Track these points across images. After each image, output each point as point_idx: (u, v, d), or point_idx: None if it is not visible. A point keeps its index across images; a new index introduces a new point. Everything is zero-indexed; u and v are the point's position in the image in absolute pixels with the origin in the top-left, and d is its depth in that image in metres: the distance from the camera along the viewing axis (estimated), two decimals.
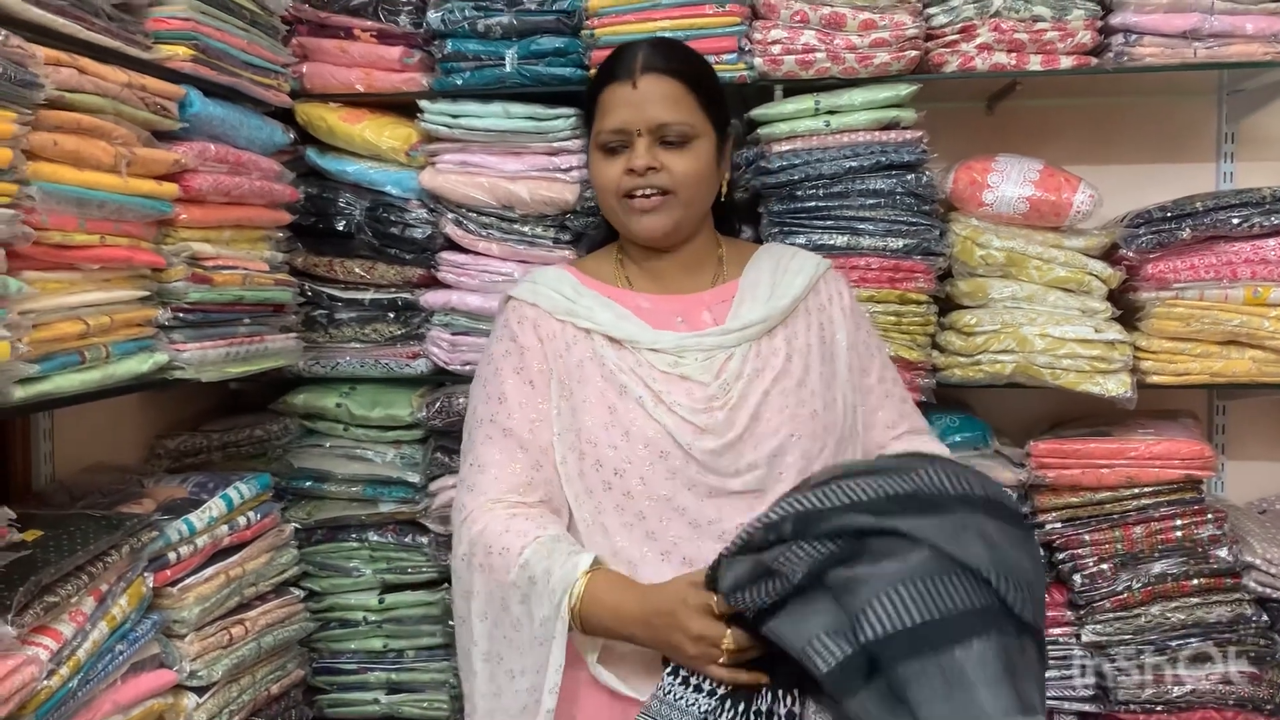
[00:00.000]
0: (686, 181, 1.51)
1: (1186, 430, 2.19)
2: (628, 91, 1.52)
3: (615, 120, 1.52)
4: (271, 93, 2.00)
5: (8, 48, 1.28)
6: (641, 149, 1.50)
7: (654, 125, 1.50)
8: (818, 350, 1.54)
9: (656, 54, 1.54)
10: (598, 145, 1.55)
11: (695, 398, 1.46)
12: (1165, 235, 2.06)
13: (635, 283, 1.60)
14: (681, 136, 1.51)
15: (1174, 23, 2.03)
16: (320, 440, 2.31)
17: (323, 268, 2.25)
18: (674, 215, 1.53)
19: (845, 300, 1.61)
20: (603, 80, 1.56)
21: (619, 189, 1.53)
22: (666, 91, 1.51)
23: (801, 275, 1.58)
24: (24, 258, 1.36)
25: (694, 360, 1.49)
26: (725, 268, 1.62)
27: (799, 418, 1.48)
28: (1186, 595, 2.07)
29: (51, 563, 1.44)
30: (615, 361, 1.49)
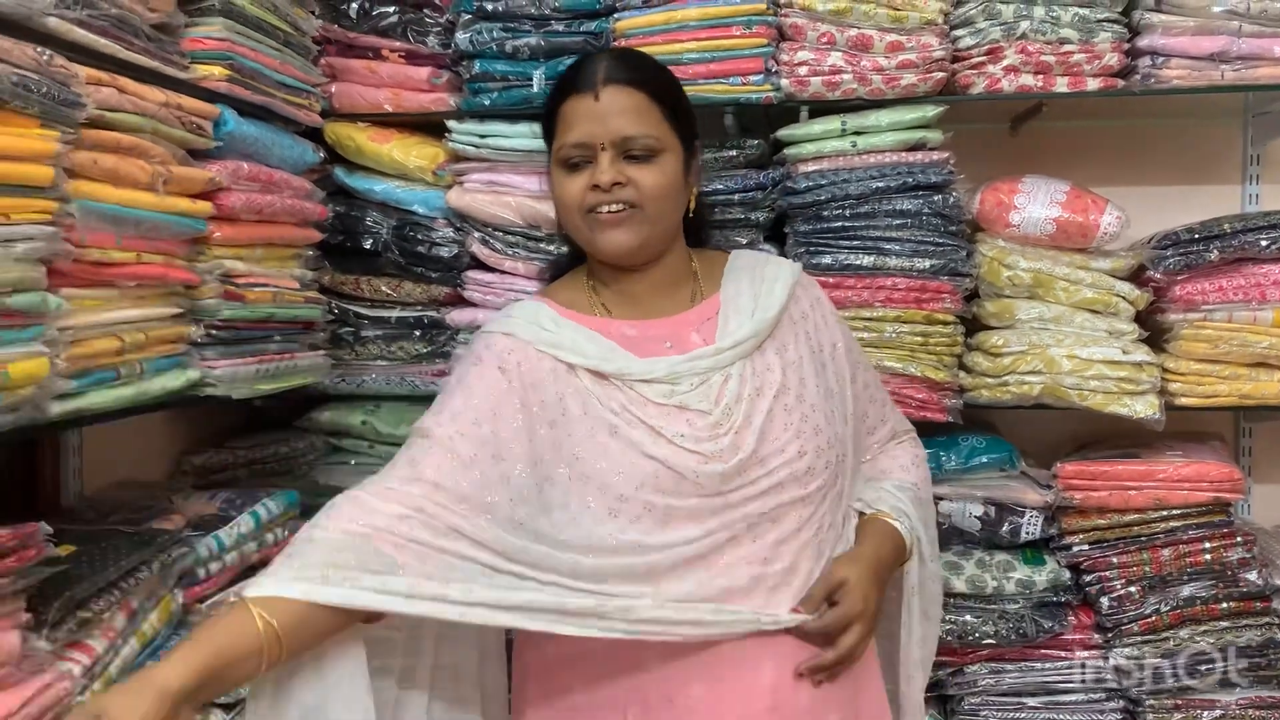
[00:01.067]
0: (654, 195, 1.42)
1: (1215, 452, 2.18)
2: (589, 104, 1.42)
3: (577, 134, 1.42)
4: (303, 112, 2.02)
5: (52, 67, 1.29)
6: (605, 163, 1.40)
7: (618, 139, 1.41)
8: (810, 361, 1.47)
9: (619, 65, 1.46)
10: (559, 161, 1.45)
11: (697, 427, 1.37)
12: (1193, 257, 2.06)
13: (614, 310, 1.48)
14: (647, 150, 1.42)
15: (1202, 45, 2.04)
16: (345, 457, 2.32)
17: (350, 286, 2.27)
18: (642, 231, 1.43)
19: (826, 305, 1.55)
20: (562, 93, 1.46)
21: (583, 205, 1.42)
22: (630, 104, 1.42)
23: (780, 284, 1.50)
24: (63, 275, 1.37)
25: (690, 387, 1.40)
26: (702, 283, 1.52)
27: (804, 433, 1.41)
28: (1216, 619, 2.06)
29: (85, 578, 1.44)
30: (602, 399, 1.38)
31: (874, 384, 1.61)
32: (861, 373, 1.58)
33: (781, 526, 1.38)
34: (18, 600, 1.29)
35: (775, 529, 1.38)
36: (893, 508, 1.50)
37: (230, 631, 1.15)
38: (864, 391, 1.57)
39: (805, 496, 1.40)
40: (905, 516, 1.50)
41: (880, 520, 1.49)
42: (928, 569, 1.55)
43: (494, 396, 1.38)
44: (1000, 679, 2.10)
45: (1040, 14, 2.07)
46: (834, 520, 1.45)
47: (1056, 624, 2.08)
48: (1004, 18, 2.08)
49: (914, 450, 1.64)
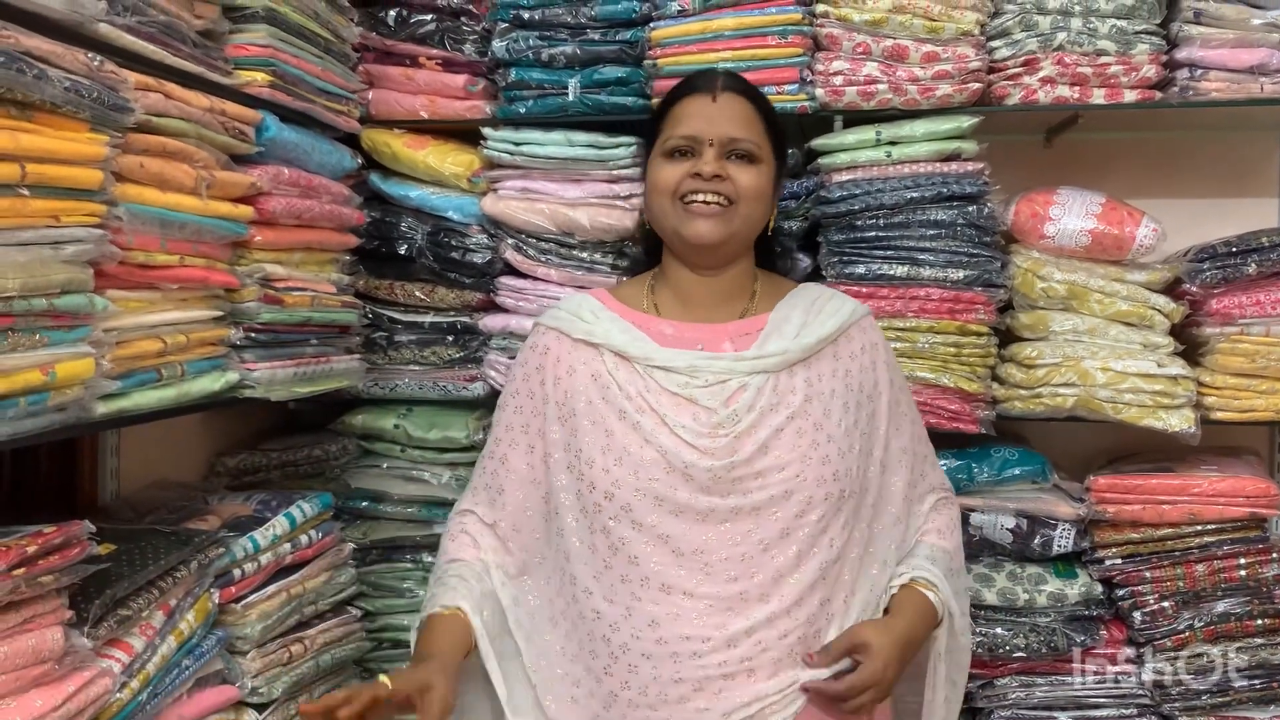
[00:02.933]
0: (748, 195, 1.52)
1: (1250, 467, 2.16)
2: (706, 103, 1.54)
3: (689, 128, 1.53)
4: (342, 118, 2.04)
5: (102, 73, 1.32)
6: (710, 156, 1.51)
7: (726, 139, 1.52)
8: (843, 397, 1.49)
9: (736, 78, 1.61)
10: (663, 151, 1.55)
11: (700, 421, 1.43)
12: (1230, 270, 2.04)
13: (663, 309, 1.57)
14: (749, 154, 1.53)
15: (1241, 58, 2.03)
16: (377, 461, 2.33)
17: (384, 290, 2.28)
18: (731, 225, 1.51)
19: (882, 353, 1.58)
20: (679, 94, 1.59)
21: (678, 190, 1.51)
22: (742, 111, 1.55)
23: (835, 318, 1.54)
24: (108, 276, 1.39)
25: (704, 383, 1.46)
26: (756, 302, 1.58)
27: (810, 460, 1.43)
28: (1250, 635, 2.04)
29: (124, 576, 1.46)
30: (622, 382, 1.47)
31: (919, 439, 1.61)
32: (908, 425, 1.58)
33: (771, 550, 1.41)
34: (60, 597, 1.31)
35: (763, 549, 1.41)
36: (925, 578, 1.51)
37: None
38: (908, 444, 1.57)
39: (800, 524, 1.41)
40: (936, 587, 1.50)
41: (915, 591, 1.51)
42: (958, 640, 1.54)
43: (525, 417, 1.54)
44: (1031, 692, 2.08)
45: (1077, 25, 2.07)
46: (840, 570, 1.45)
47: (1088, 638, 2.07)
48: (1041, 29, 2.08)
49: (949, 513, 1.62)
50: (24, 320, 1.22)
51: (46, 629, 1.27)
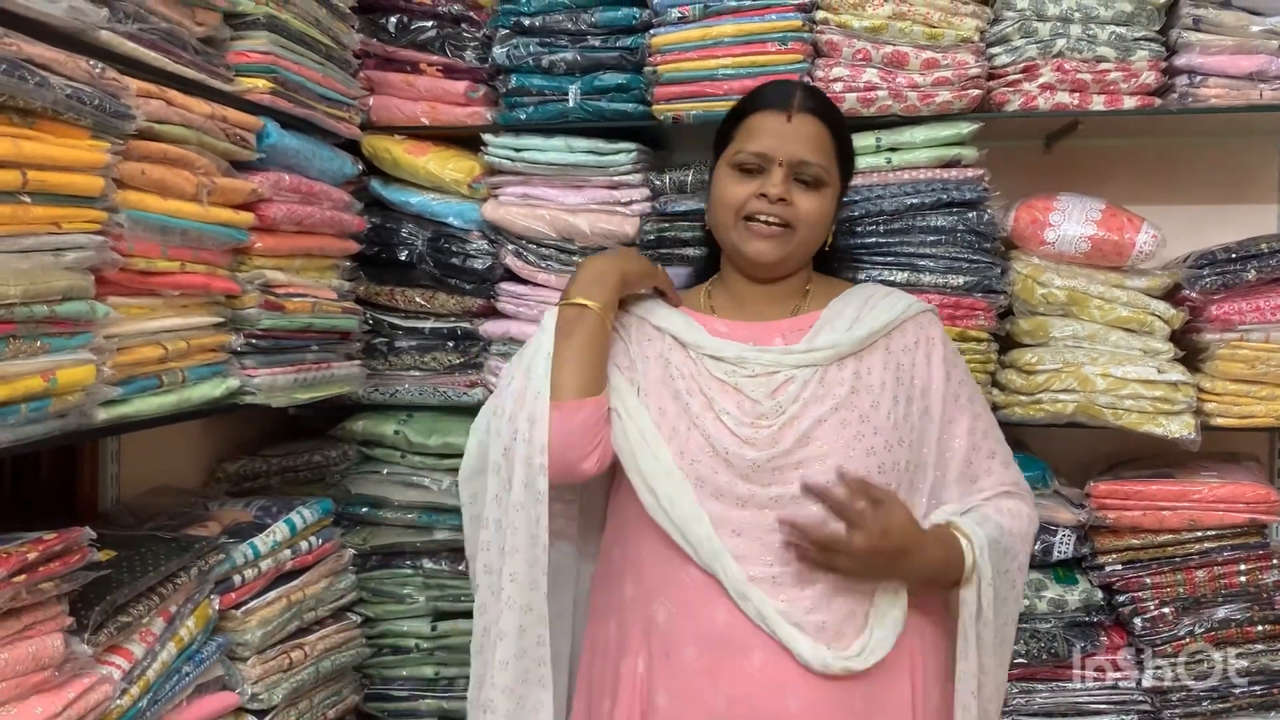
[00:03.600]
0: (809, 221, 1.54)
1: (1250, 474, 2.16)
2: (780, 122, 1.54)
3: (760, 145, 1.54)
4: (343, 125, 2.05)
5: (104, 80, 1.32)
6: (778, 178, 1.52)
7: (796, 161, 1.53)
8: (892, 390, 1.51)
9: (813, 97, 1.60)
10: (732, 163, 1.56)
11: (744, 410, 1.47)
12: (1230, 276, 2.05)
13: (718, 310, 1.63)
14: (816, 179, 1.54)
15: (1240, 64, 2.03)
16: (377, 467, 2.33)
17: (384, 296, 2.28)
18: (788, 248, 1.54)
19: (939, 347, 1.56)
20: (753, 105, 1.59)
21: (743, 209, 1.54)
22: (815, 134, 1.55)
23: (889, 313, 1.55)
24: (110, 283, 1.40)
25: (750, 373, 1.50)
26: (809, 300, 1.62)
27: (853, 453, 1.45)
28: (1250, 641, 2.04)
29: (124, 583, 1.46)
30: (678, 365, 1.53)
31: (984, 434, 1.57)
32: (966, 421, 1.55)
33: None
34: (61, 604, 1.30)
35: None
36: (963, 527, 1.46)
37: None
38: (964, 439, 1.55)
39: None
40: (974, 538, 1.45)
41: (947, 529, 1.47)
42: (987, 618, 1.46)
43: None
44: (1031, 699, 2.08)
45: (1077, 32, 2.07)
46: None
47: (1089, 643, 2.07)
48: (1040, 35, 2.08)
49: (1016, 504, 1.56)
50: (25, 327, 1.22)
51: (47, 635, 1.27)
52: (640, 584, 1.52)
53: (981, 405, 1.61)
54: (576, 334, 1.52)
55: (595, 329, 1.53)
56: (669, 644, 1.47)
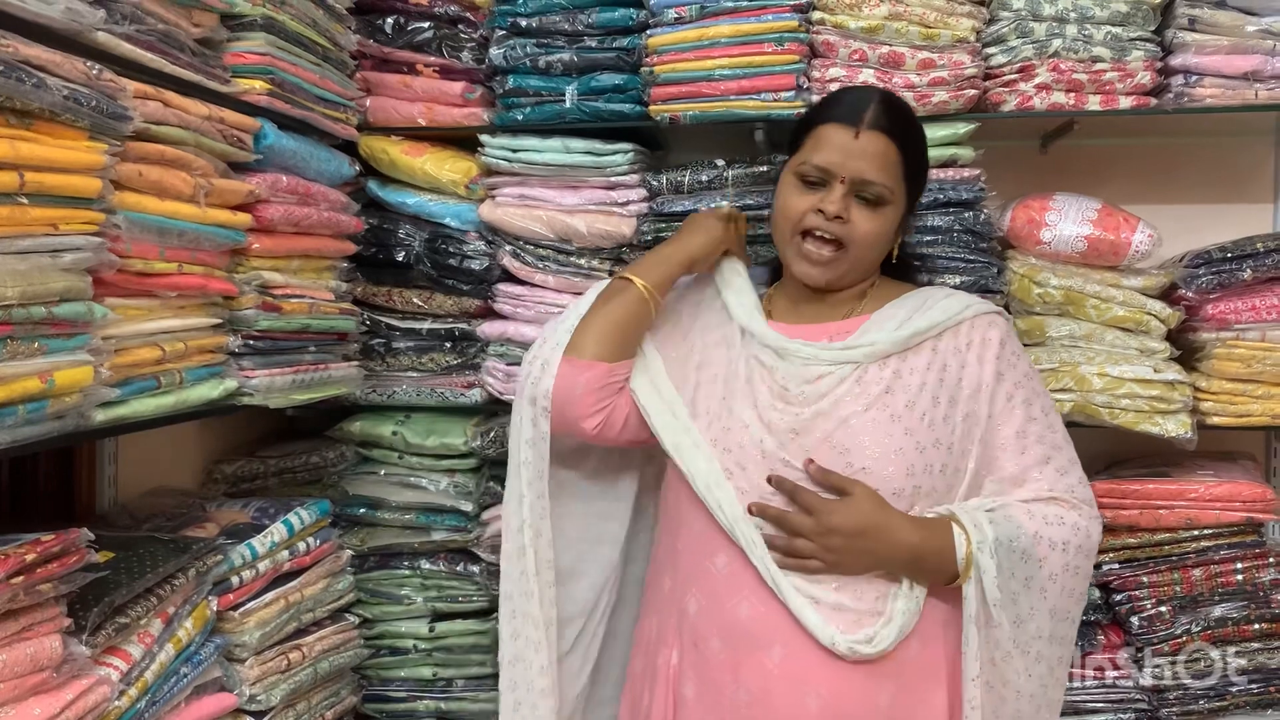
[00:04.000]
0: (864, 242, 1.54)
1: (1247, 472, 2.16)
2: (848, 138, 1.53)
3: (824, 159, 1.54)
4: (340, 126, 2.05)
5: (101, 81, 1.32)
6: (837, 195, 1.52)
7: (858, 179, 1.53)
8: (932, 390, 1.49)
9: (886, 113, 1.56)
10: (795, 173, 1.58)
11: (779, 396, 1.52)
12: (1226, 276, 2.05)
13: (775, 314, 1.65)
14: (878, 198, 1.54)
15: (1235, 64, 2.04)
16: (375, 468, 2.33)
17: (381, 297, 2.28)
18: (838, 270, 1.56)
19: (994, 348, 1.53)
20: (825, 115, 1.59)
21: (800, 223, 1.56)
22: (882, 152, 1.54)
23: (942, 314, 1.54)
24: (107, 284, 1.40)
25: (790, 365, 1.53)
26: (865, 303, 1.62)
27: (884, 452, 1.46)
28: (1247, 640, 2.04)
29: (122, 584, 1.46)
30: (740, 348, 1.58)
31: (1034, 438, 1.52)
32: (1016, 424, 1.51)
33: None
34: (59, 605, 1.30)
35: None
36: (969, 521, 1.44)
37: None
38: (1012, 441, 1.51)
39: None
40: (973, 532, 1.42)
41: (940, 519, 1.46)
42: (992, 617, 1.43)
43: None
44: None
45: (1073, 32, 2.07)
46: None
47: (1086, 642, 2.07)
48: (1036, 36, 2.08)
49: (1059, 510, 1.48)
50: (23, 328, 1.22)
51: (45, 637, 1.27)
52: (676, 576, 1.56)
53: (1041, 410, 1.54)
54: (613, 304, 1.63)
55: (633, 304, 1.62)
56: (697, 635, 1.50)
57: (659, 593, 1.61)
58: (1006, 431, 1.51)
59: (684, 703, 1.51)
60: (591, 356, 1.59)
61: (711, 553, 1.50)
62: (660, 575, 1.62)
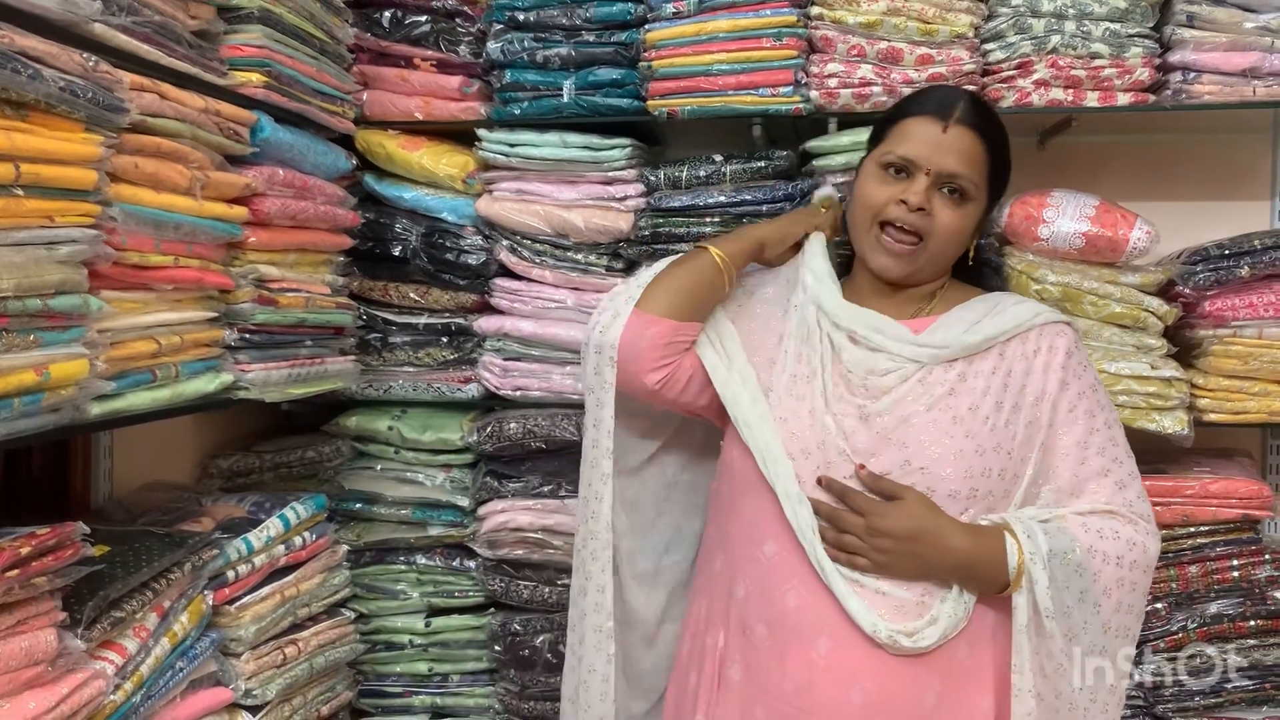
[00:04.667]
0: (944, 236, 1.53)
1: (1243, 469, 2.16)
2: (936, 131, 1.52)
3: (911, 149, 1.53)
4: (337, 119, 2.04)
5: (97, 73, 1.31)
6: (921, 186, 1.51)
7: (944, 172, 1.51)
8: (996, 395, 1.48)
9: (976, 111, 1.56)
10: (879, 163, 1.56)
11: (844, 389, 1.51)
12: (1224, 273, 2.05)
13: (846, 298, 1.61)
14: (962, 193, 1.53)
15: (1234, 61, 2.03)
16: (371, 463, 2.33)
17: (378, 292, 2.28)
18: (915, 264, 1.55)
19: (1061, 357, 1.51)
20: (911, 109, 1.58)
21: (881, 213, 1.54)
22: (970, 148, 1.53)
23: (1011, 320, 1.52)
24: (103, 277, 1.39)
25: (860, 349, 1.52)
26: (935, 303, 1.60)
27: (944, 453, 1.45)
28: (1243, 637, 2.04)
29: (118, 578, 1.46)
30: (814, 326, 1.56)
31: (1096, 450, 1.50)
32: (1078, 434, 1.50)
33: None
34: (54, 599, 1.30)
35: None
36: (1023, 531, 1.43)
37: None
38: (1072, 451, 1.50)
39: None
40: (1025, 542, 1.41)
41: (993, 527, 1.45)
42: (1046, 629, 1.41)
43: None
44: None
45: (1071, 28, 2.07)
46: None
47: None
48: (1035, 32, 2.08)
49: (1116, 524, 1.47)
50: (18, 321, 1.21)
51: (40, 631, 1.27)
52: (727, 559, 1.57)
53: (1105, 424, 1.52)
54: (687, 266, 1.64)
55: (706, 269, 1.63)
56: (745, 621, 1.51)
57: (709, 575, 1.62)
58: (1067, 441, 1.50)
59: (728, 684, 1.52)
60: (660, 313, 1.59)
61: (761, 540, 1.50)
62: (711, 558, 1.63)
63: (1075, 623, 1.43)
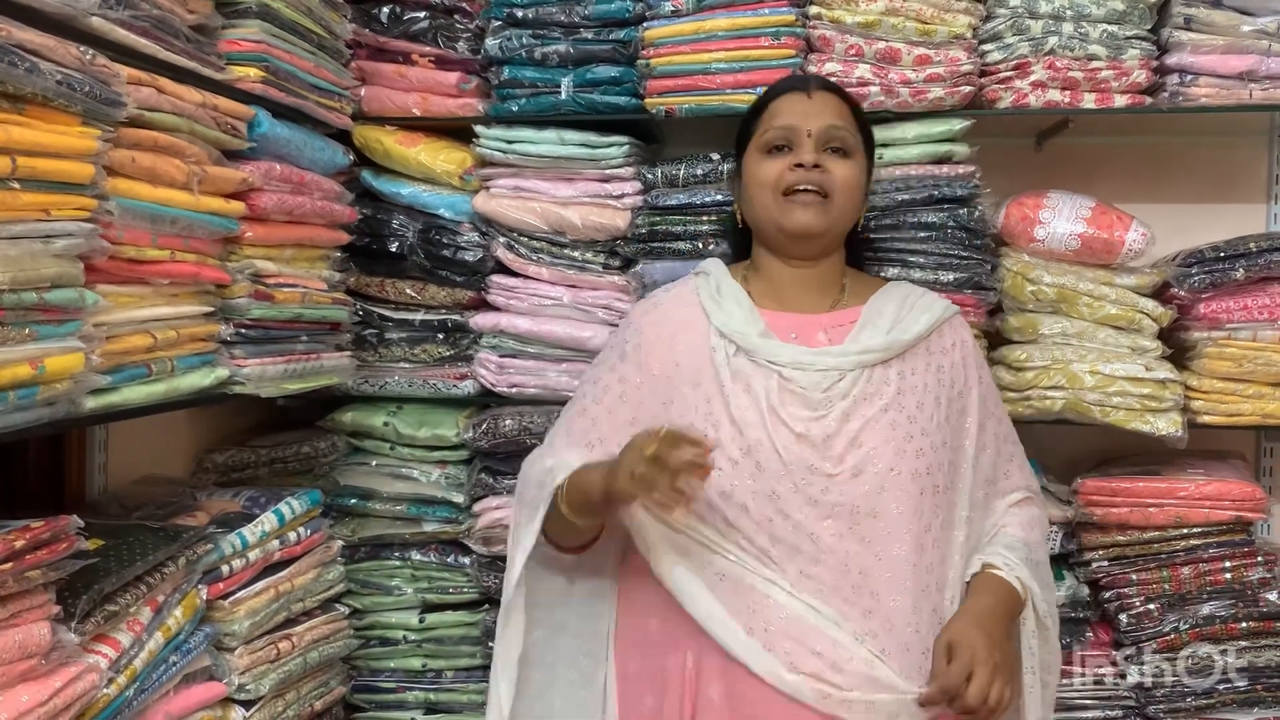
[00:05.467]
0: (844, 187, 1.58)
1: (1236, 471, 2.17)
2: (802, 100, 1.62)
3: (787, 119, 1.60)
4: (334, 114, 2.04)
5: (94, 66, 1.31)
6: (809, 147, 1.57)
7: (824, 128, 1.58)
8: (934, 392, 1.54)
9: (828, 81, 1.72)
10: (760, 146, 1.61)
11: (797, 404, 1.49)
12: (1218, 275, 2.06)
13: (757, 299, 1.62)
14: (845, 145, 1.59)
15: (1230, 64, 2.04)
16: (366, 458, 2.33)
17: (374, 288, 2.28)
18: (827, 218, 1.57)
19: (969, 349, 1.62)
20: (773, 93, 1.66)
21: (780, 184, 1.57)
22: (837, 106, 1.63)
23: (928, 314, 1.59)
24: (99, 271, 1.39)
25: (804, 374, 1.51)
26: (846, 295, 1.64)
27: (904, 454, 1.48)
28: (1235, 638, 2.05)
29: (112, 572, 1.46)
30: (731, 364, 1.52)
31: (1005, 438, 1.64)
32: (992, 424, 1.61)
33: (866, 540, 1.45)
34: (48, 592, 1.30)
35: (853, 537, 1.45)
36: (998, 561, 1.52)
37: None
38: (991, 441, 1.60)
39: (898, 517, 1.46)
40: (1013, 567, 1.50)
41: (988, 574, 1.51)
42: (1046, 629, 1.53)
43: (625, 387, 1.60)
44: None
45: (1069, 30, 2.08)
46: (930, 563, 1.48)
47: (1074, 639, 2.08)
48: (1032, 33, 2.08)
49: (1032, 511, 1.64)
50: (13, 314, 1.21)
51: (33, 624, 1.27)
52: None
53: (1001, 408, 1.67)
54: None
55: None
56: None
57: (658, 594, 1.53)
58: (989, 433, 1.60)
59: (709, 704, 1.48)
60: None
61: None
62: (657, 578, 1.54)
63: (1050, 604, 1.55)
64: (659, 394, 1.56)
